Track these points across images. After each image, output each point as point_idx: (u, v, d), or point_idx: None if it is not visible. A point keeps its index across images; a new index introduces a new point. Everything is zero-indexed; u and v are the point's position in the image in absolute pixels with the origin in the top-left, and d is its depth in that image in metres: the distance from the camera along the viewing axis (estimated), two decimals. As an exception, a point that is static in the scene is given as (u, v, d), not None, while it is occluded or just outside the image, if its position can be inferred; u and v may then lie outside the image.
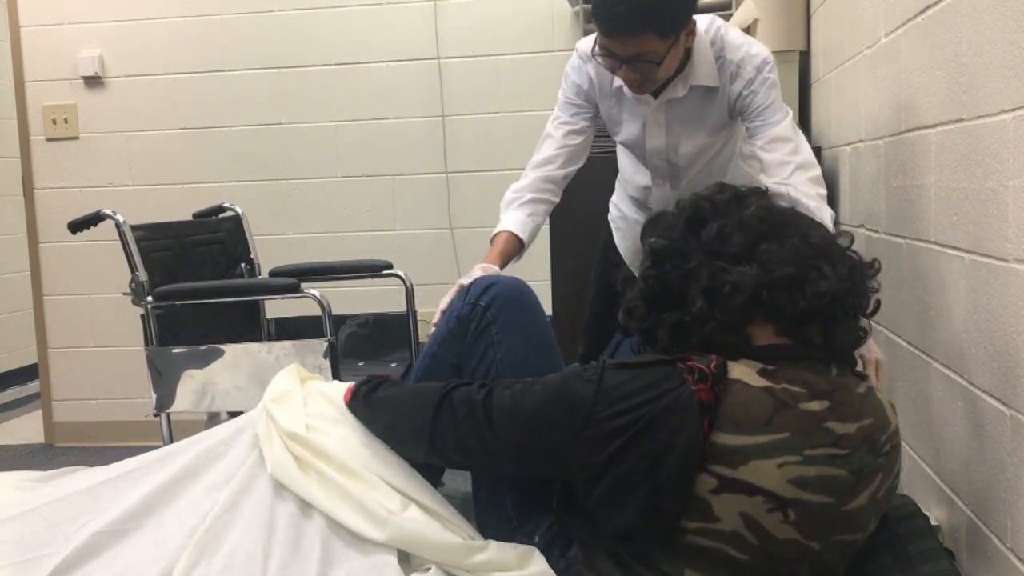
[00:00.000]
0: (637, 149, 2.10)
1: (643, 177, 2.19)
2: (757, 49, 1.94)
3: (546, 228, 2.68)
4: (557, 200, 2.07)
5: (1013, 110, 1.25)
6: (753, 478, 1.18)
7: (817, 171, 1.87)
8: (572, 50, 2.07)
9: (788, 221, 1.31)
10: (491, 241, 1.99)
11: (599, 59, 1.85)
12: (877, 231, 2.02)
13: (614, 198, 2.38)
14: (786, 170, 1.84)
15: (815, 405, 1.21)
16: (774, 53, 2.80)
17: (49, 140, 3.74)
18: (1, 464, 3.49)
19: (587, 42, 1.99)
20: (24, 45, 3.73)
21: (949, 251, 1.52)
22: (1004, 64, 1.27)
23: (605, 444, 1.24)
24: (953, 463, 1.54)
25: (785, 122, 1.92)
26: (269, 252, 2.90)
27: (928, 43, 1.62)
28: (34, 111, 3.74)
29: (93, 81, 3.69)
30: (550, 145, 2.06)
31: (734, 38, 1.94)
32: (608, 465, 1.24)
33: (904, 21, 1.76)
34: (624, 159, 2.26)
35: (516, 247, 1.98)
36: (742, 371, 1.22)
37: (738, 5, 3.06)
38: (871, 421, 1.26)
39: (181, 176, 3.67)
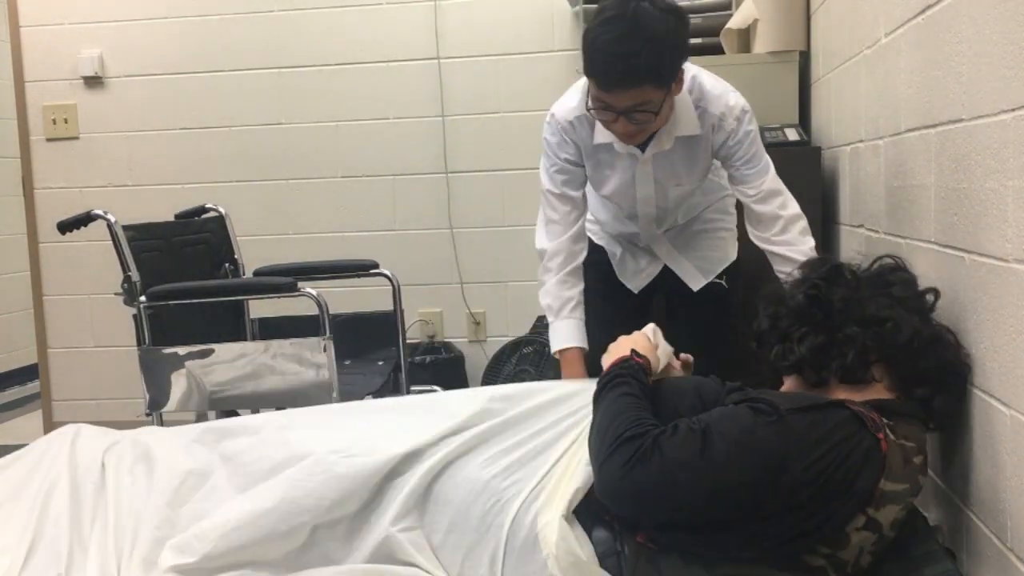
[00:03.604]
0: (626, 200, 2.10)
1: (622, 225, 2.21)
2: (735, 99, 1.94)
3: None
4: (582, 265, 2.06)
5: (1013, 110, 1.24)
6: (883, 519, 1.30)
7: (805, 222, 1.97)
8: (572, 50, 2.06)
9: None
10: (560, 356, 1.99)
11: (593, 112, 1.84)
12: (877, 231, 2.02)
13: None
14: (777, 224, 1.94)
15: (918, 460, 1.35)
16: (774, 53, 2.85)
17: (49, 140, 3.74)
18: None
19: (563, 107, 1.97)
20: (24, 45, 3.73)
21: (949, 251, 1.52)
22: (1004, 64, 1.27)
23: (796, 493, 1.26)
24: (953, 463, 1.54)
25: (772, 171, 1.98)
26: (270, 252, 2.91)
27: (928, 43, 1.62)
28: (34, 111, 3.74)
29: (93, 81, 3.69)
30: (556, 234, 2.02)
31: (711, 87, 1.94)
32: (788, 509, 1.26)
33: (904, 21, 1.75)
34: (599, 209, 2.24)
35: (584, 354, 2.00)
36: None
37: (738, 5, 3.06)
38: None
39: (181, 176, 3.67)
